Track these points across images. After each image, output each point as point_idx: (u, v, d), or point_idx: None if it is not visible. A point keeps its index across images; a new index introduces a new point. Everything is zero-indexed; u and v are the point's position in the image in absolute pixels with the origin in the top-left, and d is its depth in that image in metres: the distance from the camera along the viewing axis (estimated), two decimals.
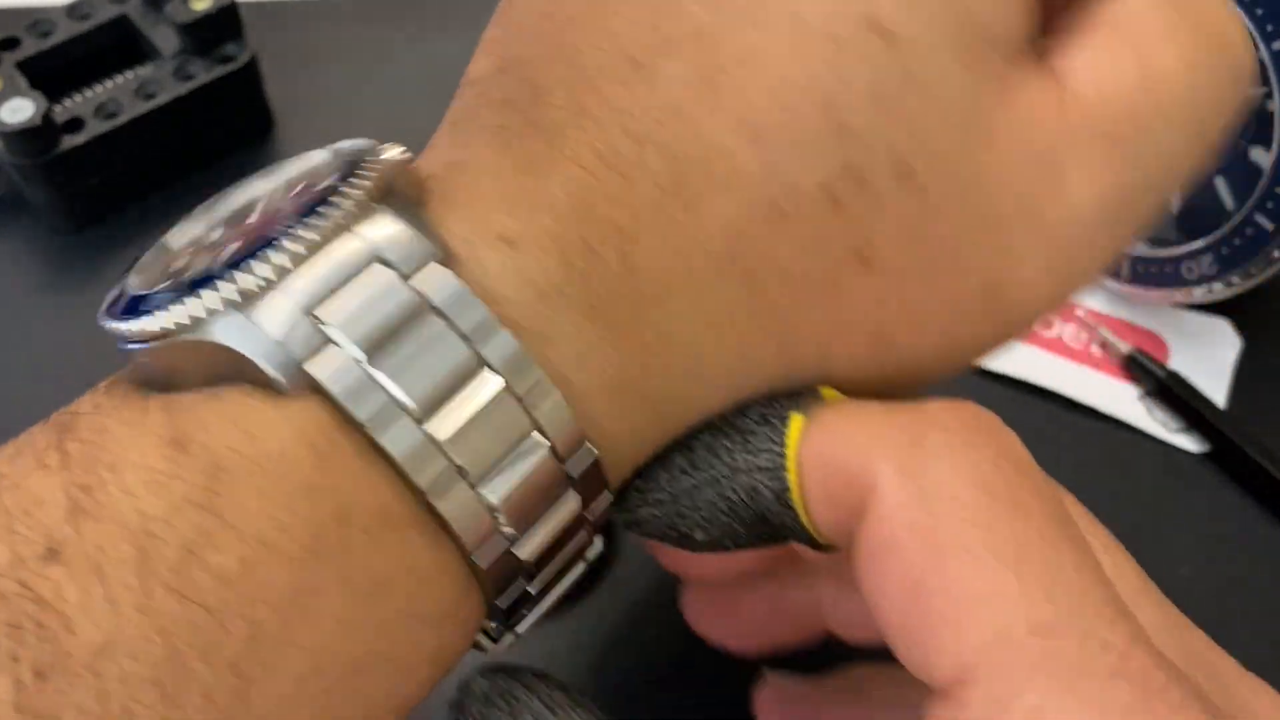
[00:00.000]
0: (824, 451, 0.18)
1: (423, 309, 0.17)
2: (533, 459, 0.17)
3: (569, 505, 0.18)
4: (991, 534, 0.16)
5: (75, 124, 0.38)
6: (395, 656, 0.17)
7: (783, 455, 0.19)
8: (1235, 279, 0.36)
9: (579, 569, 0.20)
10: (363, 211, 0.17)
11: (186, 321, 0.16)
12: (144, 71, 0.40)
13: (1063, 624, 0.15)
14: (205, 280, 0.16)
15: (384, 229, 0.17)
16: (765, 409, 0.20)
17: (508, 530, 0.17)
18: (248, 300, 0.16)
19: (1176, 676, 0.15)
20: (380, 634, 0.16)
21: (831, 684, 0.26)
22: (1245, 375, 0.38)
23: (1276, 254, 0.35)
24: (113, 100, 0.39)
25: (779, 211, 0.18)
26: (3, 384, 0.37)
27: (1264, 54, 0.33)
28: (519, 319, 0.17)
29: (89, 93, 0.39)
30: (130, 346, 0.17)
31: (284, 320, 0.16)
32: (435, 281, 0.17)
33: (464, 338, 0.17)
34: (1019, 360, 0.38)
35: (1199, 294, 0.37)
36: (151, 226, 0.40)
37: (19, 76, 0.38)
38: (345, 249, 0.17)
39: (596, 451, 0.18)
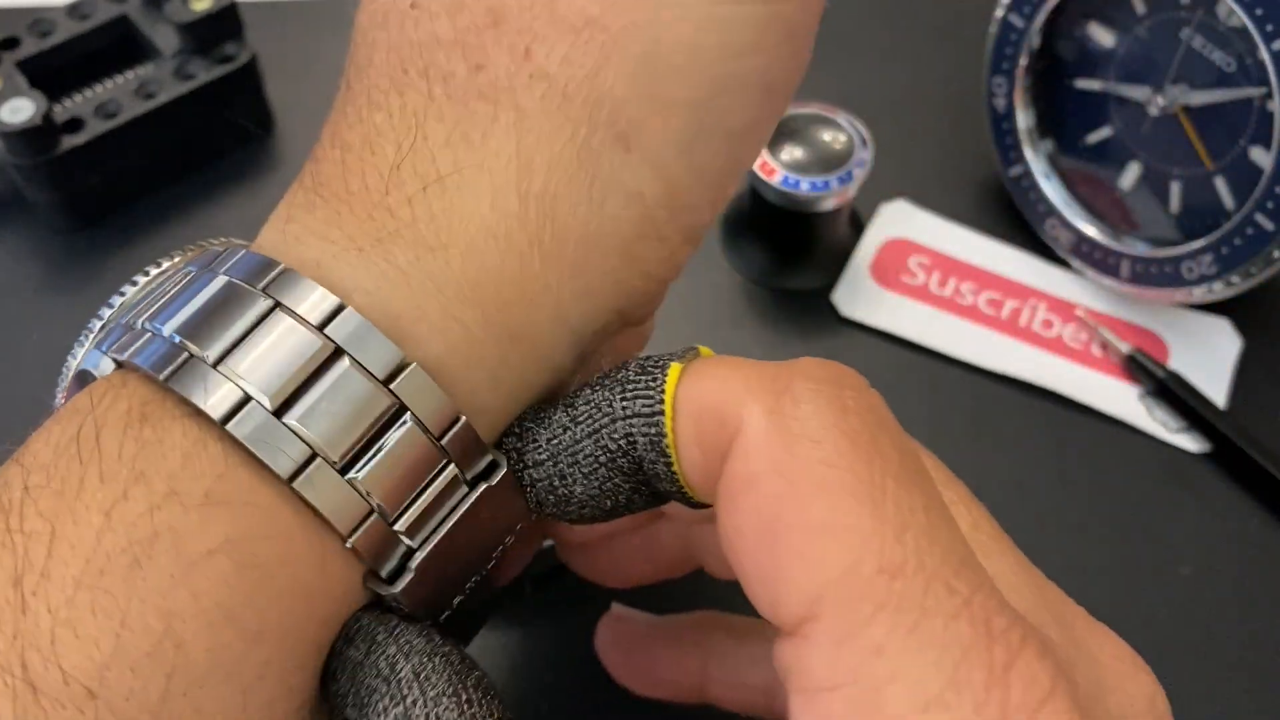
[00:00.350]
0: (698, 396, 0.19)
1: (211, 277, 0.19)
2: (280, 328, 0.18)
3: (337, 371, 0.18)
4: (849, 475, 0.16)
5: (75, 124, 0.38)
6: (167, 540, 0.17)
7: (661, 401, 0.19)
8: (1235, 278, 0.36)
9: (463, 500, 0.20)
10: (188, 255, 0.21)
11: (73, 362, 0.20)
12: (144, 71, 0.40)
13: (910, 565, 0.16)
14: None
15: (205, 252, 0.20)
16: (645, 361, 0.20)
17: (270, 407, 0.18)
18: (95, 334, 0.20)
19: (1019, 622, 0.16)
20: (144, 519, 0.17)
21: (673, 626, 0.26)
22: (1245, 375, 0.38)
23: (1277, 254, 0.35)
24: (113, 100, 0.39)
25: (415, 4, 0.21)
26: (3, 384, 0.37)
27: (1264, 54, 0.33)
28: (265, 245, 0.20)
29: (89, 93, 0.40)
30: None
31: (109, 326, 0.19)
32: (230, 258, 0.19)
33: (251, 290, 0.19)
34: (1019, 360, 0.38)
35: (1199, 294, 0.37)
36: (151, 226, 0.40)
37: (19, 76, 0.38)
38: (174, 269, 0.20)
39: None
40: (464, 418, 0.19)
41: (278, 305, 0.18)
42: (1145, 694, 0.18)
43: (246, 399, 0.17)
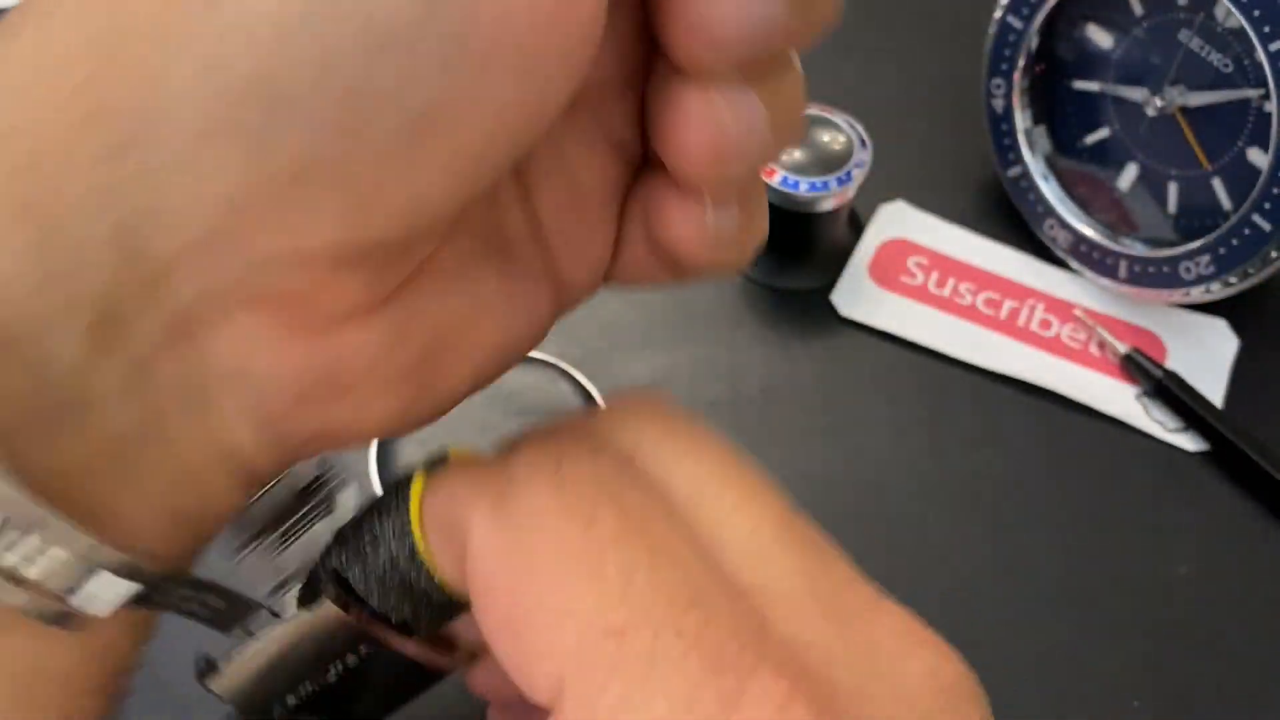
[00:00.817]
0: (435, 510, 0.19)
1: None
2: None
3: None
4: (569, 551, 0.17)
5: None
6: None
7: (408, 517, 0.20)
8: (1233, 279, 0.36)
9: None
10: None
11: None
12: None
13: (635, 622, 0.16)
14: None
15: None
16: (398, 478, 0.20)
17: None
18: None
19: (753, 643, 0.16)
20: None
21: None
22: (1243, 374, 0.38)
23: (1274, 254, 0.35)
24: None
25: None
26: None
27: (1261, 55, 0.33)
28: None
29: None
30: None
31: None
32: None
33: None
34: (1017, 360, 0.38)
35: (1197, 294, 0.37)
36: None
37: None
38: None
39: None
40: None
41: None
42: (925, 668, 0.17)
43: None
